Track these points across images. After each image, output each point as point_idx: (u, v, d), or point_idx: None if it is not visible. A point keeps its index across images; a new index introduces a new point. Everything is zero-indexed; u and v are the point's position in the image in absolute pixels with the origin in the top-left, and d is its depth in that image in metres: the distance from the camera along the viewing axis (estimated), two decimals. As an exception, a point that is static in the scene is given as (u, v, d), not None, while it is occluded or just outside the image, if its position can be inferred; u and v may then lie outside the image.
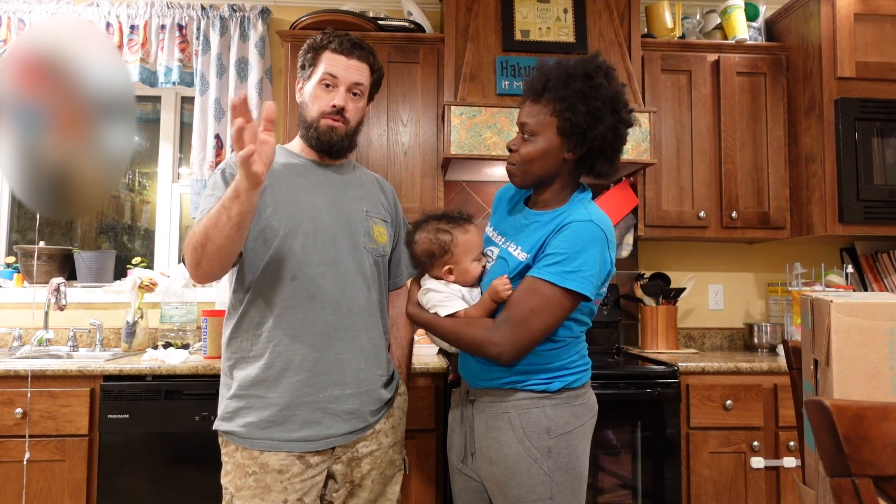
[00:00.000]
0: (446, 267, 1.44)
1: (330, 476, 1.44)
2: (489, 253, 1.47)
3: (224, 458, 1.42)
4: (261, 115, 1.24)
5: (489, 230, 1.54)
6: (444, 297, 1.42)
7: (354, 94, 1.51)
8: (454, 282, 1.44)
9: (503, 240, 1.45)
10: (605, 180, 1.45)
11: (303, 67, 1.54)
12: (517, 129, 1.41)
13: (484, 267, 1.46)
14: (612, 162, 1.38)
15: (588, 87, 1.32)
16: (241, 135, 1.16)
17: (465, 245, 1.43)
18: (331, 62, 1.49)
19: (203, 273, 1.32)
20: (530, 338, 1.30)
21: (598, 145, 1.34)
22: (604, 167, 1.38)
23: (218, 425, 1.43)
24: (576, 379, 1.38)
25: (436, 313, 1.41)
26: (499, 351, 1.30)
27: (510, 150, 1.41)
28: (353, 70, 1.50)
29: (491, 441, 1.37)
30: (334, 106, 1.48)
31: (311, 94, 1.51)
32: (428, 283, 1.47)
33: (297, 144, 1.58)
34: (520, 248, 1.38)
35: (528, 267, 1.35)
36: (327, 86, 1.49)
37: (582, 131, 1.32)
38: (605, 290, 1.40)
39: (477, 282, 1.46)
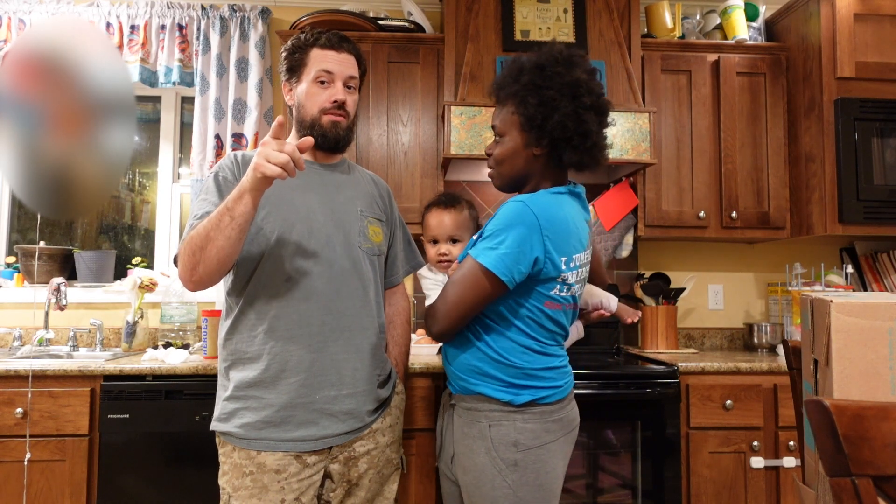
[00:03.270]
0: (423, 240, 1.68)
1: (327, 475, 1.44)
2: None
3: (221, 459, 1.42)
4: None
5: None
6: (432, 283, 1.61)
7: (349, 88, 1.52)
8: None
9: None
10: (588, 171, 1.38)
11: (291, 70, 1.52)
12: None
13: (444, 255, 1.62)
14: (581, 150, 1.32)
15: (540, 78, 1.30)
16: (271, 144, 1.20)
17: (425, 224, 1.68)
18: (323, 59, 1.49)
19: (198, 278, 1.31)
20: (445, 308, 1.32)
21: (559, 134, 1.30)
22: (573, 157, 1.32)
23: (215, 426, 1.43)
24: (548, 395, 1.34)
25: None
26: (429, 323, 1.36)
27: (488, 156, 1.44)
28: (346, 64, 1.51)
29: (464, 448, 1.36)
30: (335, 101, 1.48)
31: (306, 93, 1.50)
32: (422, 269, 1.68)
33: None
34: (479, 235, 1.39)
35: None
36: (323, 83, 1.49)
37: (539, 123, 1.30)
38: (567, 292, 1.34)
39: (451, 266, 1.55)
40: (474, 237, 1.40)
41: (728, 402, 2.11)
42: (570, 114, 1.29)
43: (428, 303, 1.49)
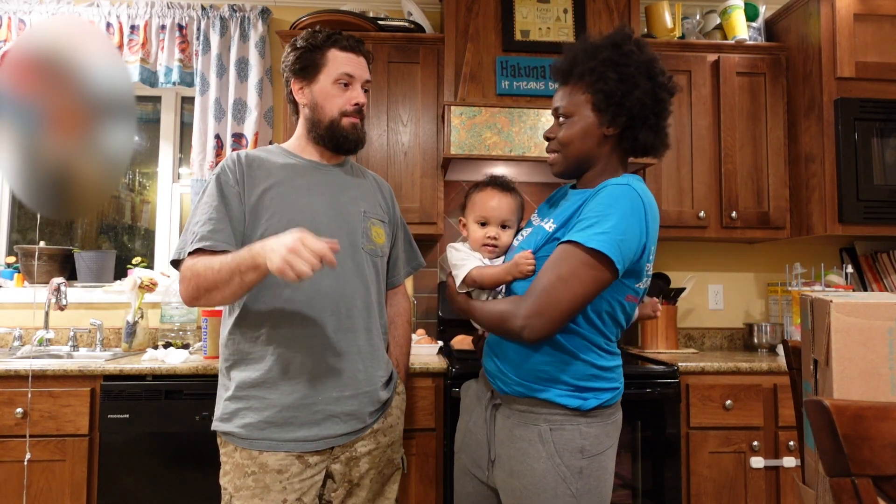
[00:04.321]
0: (461, 220, 1.52)
1: (328, 476, 1.44)
2: (521, 233, 1.44)
3: (223, 459, 1.42)
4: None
5: (532, 217, 1.49)
6: (464, 256, 1.43)
7: (366, 91, 1.53)
8: (468, 238, 1.48)
9: (539, 220, 1.39)
10: (653, 156, 1.35)
11: (304, 69, 1.50)
12: (553, 117, 1.36)
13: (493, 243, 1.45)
14: (656, 131, 1.30)
15: (617, 55, 1.26)
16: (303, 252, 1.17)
17: (473, 202, 1.48)
18: (344, 61, 1.49)
19: (198, 306, 1.37)
20: (557, 308, 1.18)
21: (637, 112, 1.26)
22: (648, 137, 1.29)
23: (216, 426, 1.43)
24: (611, 397, 1.30)
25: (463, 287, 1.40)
26: (521, 324, 1.19)
27: (547, 139, 1.36)
28: (363, 67, 1.53)
29: (514, 452, 1.28)
30: (357, 104, 1.49)
31: (324, 94, 1.49)
32: (454, 243, 1.49)
33: (295, 144, 1.57)
34: (551, 220, 1.32)
35: (553, 239, 1.27)
36: (344, 85, 1.49)
37: (618, 100, 1.25)
38: (644, 284, 1.30)
39: (496, 252, 1.46)
40: (552, 226, 1.31)
41: (728, 402, 2.11)
42: (649, 91, 1.26)
43: (458, 273, 1.39)
